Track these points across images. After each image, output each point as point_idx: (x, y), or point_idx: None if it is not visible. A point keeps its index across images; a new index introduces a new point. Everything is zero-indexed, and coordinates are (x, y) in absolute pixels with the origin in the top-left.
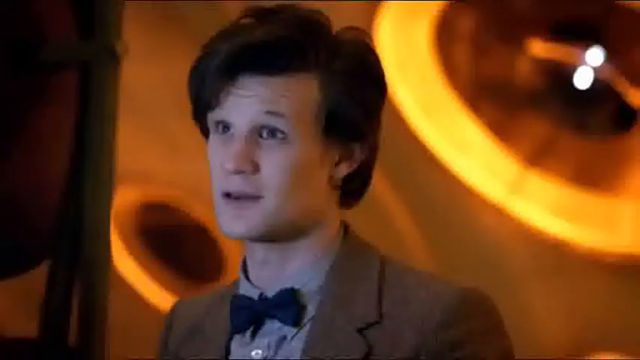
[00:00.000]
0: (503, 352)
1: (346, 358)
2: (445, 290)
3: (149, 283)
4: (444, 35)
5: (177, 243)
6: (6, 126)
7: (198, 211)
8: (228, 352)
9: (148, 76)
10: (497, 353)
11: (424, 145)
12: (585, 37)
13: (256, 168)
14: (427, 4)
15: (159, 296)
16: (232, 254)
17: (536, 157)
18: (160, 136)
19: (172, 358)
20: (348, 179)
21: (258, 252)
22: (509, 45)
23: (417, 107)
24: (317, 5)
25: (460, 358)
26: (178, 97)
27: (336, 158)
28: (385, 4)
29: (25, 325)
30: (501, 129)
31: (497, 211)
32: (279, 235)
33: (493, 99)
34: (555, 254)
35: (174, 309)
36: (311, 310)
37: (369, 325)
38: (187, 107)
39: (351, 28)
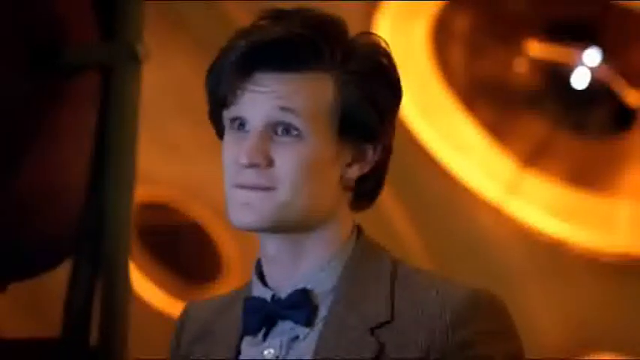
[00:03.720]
0: (514, 353)
1: (358, 356)
2: (456, 291)
3: (146, 282)
4: (442, 36)
5: (175, 243)
6: (28, 128)
7: (196, 212)
8: (238, 352)
9: (147, 76)
10: (507, 354)
11: (422, 146)
12: (582, 38)
13: (270, 162)
14: (425, 5)
15: (156, 296)
16: (230, 254)
17: (534, 158)
18: (158, 136)
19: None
20: (360, 181)
21: (270, 246)
22: (506, 46)
23: (414, 108)
24: (316, 5)
25: (470, 358)
26: (177, 98)
27: (349, 159)
28: (383, 5)
29: (24, 324)
30: (499, 129)
31: (495, 211)
32: (287, 228)
33: (491, 99)
34: (552, 254)
35: (186, 311)
36: (323, 311)
37: (381, 325)
38: (186, 107)
39: (367, 32)
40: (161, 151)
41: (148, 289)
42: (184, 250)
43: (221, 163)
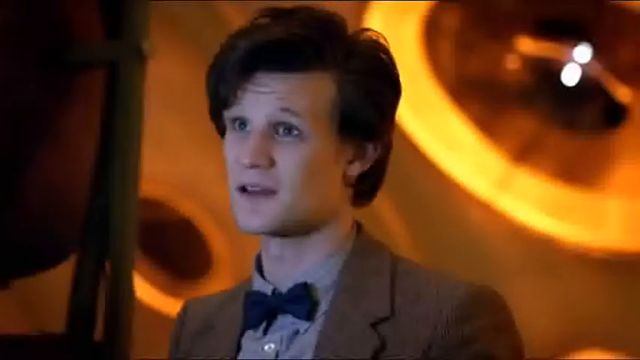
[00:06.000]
0: (514, 349)
1: (358, 352)
2: (457, 287)
3: (136, 279)
4: (433, 33)
5: (165, 239)
6: (35, 125)
7: (186, 208)
8: (239, 348)
9: None
10: (507, 350)
11: (412, 143)
12: (573, 34)
13: (272, 163)
14: (416, 3)
15: (146, 293)
16: (220, 251)
17: (524, 154)
18: (147, 132)
19: (184, 356)
20: (361, 178)
21: (274, 247)
22: (497, 42)
23: (405, 105)
24: (309, 4)
25: (471, 354)
26: (168, 95)
27: (350, 157)
28: (374, 3)
29: (22, 323)
30: (489, 126)
31: (485, 208)
32: (293, 230)
33: (481, 96)
34: (543, 251)
35: (184, 308)
36: (324, 305)
37: (382, 320)
38: (177, 104)
39: (367, 29)
40: (151, 147)
41: (137, 285)
42: (174, 247)
43: (211, 160)
